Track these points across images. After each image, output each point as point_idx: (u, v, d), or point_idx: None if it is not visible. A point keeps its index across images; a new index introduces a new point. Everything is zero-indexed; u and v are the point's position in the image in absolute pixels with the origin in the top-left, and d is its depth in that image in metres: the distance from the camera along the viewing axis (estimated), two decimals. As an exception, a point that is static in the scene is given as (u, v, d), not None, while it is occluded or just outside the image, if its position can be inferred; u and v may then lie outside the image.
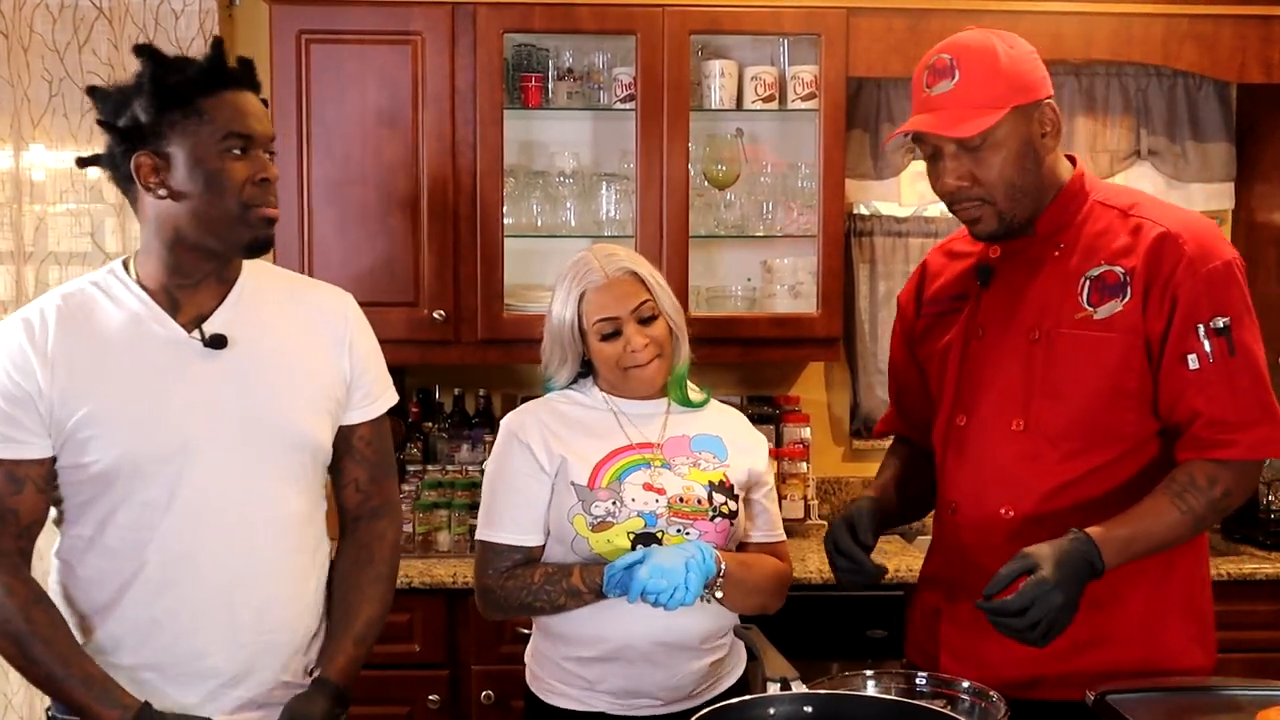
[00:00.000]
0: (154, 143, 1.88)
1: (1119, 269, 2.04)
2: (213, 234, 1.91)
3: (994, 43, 2.06)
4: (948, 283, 2.27)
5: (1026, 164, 2.06)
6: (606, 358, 2.24)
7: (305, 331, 2.05)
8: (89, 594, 1.93)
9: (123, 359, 1.91)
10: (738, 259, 3.71)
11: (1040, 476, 2.08)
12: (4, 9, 3.48)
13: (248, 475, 1.94)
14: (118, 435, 1.87)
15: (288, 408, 1.99)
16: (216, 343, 1.94)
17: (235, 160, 1.89)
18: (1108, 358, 2.04)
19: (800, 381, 3.88)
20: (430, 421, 3.68)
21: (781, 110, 3.54)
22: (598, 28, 3.38)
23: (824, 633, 3.17)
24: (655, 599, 2.06)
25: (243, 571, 1.94)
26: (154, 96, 1.87)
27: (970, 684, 1.88)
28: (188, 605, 1.91)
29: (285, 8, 3.31)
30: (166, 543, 1.90)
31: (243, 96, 1.92)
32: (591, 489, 2.19)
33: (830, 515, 3.79)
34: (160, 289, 1.95)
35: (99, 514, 1.91)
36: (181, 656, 1.92)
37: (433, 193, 3.36)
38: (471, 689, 3.18)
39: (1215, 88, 3.75)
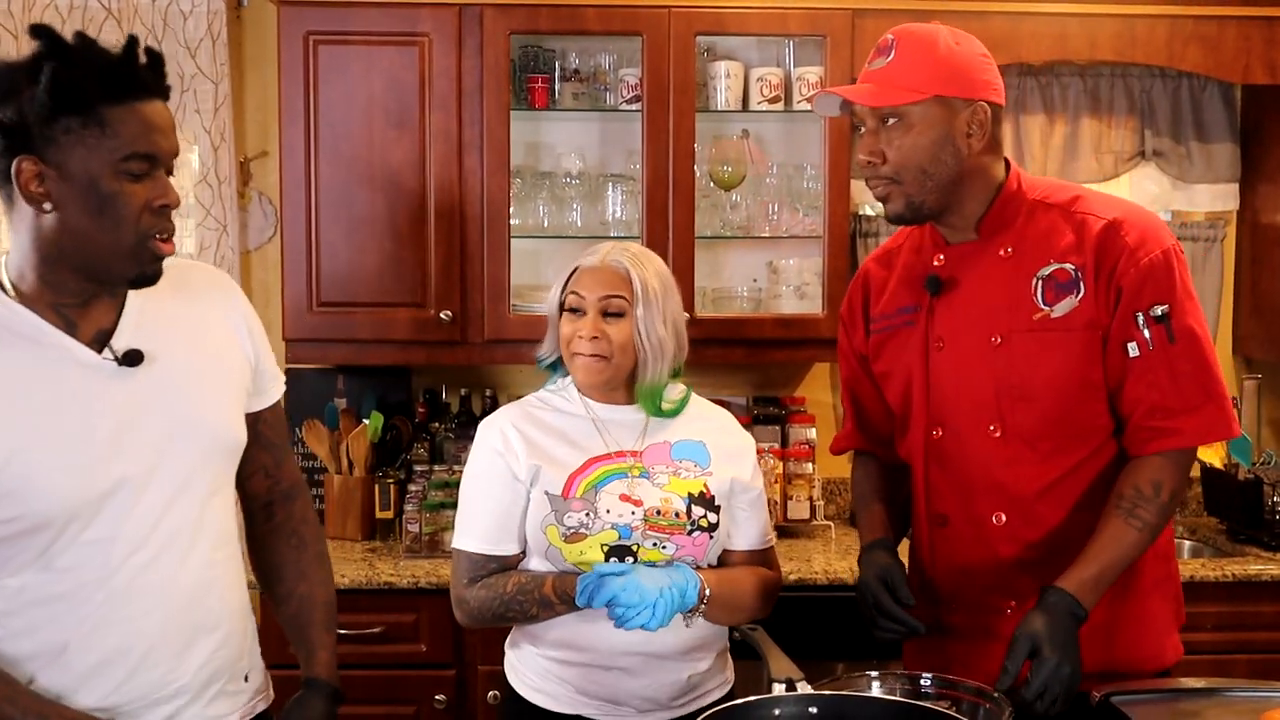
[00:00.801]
0: (42, 148, 1.61)
1: (1069, 266, 2.07)
2: (99, 262, 1.68)
3: (938, 33, 2.09)
4: (893, 295, 2.26)
5: (941, 155, 2.07)
6: (564, 335, 2.20)
7: (206, 327, 1.87)
8: (29, 644, 1.72)
9: (33, 395, 1.67)
10: (743, 260, 3.72)
11: (1025, 480, 2.11)
12: (13, 8, 3.49)
13: (184, 493, 1.79)
14: (47, 484, 1.66)
15: (213, 414, 1.84)
16: (131, 359, 1.73)
17: (134, 183, 1.65)
18: (1070, 354, 2.06)
19: (806, 382, 3.89)
20: (436, 422, 3.70)
21: (787, 111, 3.55)
22: (604, 29, 3.39)
23: (828, 634, 3.17)
24: (619, 613, 2.02)
25: (195, 591, 1.81)
26: (51, 96, 1.60)
27: (974, 685, 1.89)
28: (142, 639, 1.76)
29: (293, 9, 3.32)
30: (114, 580, 1.73)
31: (152, 107, 1.67)
32: (565, 498, 2.14)
33: (836, 516, 3.80)
34: (48, 307, 1.70)
35: (31, 562, 1.70)
36: (140, 691, 1.77)
37: (439, 193, 3.37)
38: (477, 689, 3.19)
39: (1220, 89, 3.76)
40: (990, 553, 2.14)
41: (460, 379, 3.76)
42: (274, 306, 3.59)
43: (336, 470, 3.54)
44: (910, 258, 2.25)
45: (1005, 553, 2.13)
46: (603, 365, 2.17)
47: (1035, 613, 1.95)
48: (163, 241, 1.70)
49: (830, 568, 3.23)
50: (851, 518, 3.81)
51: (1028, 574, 2.10)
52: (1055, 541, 2.10)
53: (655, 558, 2.14)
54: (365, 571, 3.17)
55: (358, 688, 3.08)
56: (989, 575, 2.15)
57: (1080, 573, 1.98)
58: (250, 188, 3.74)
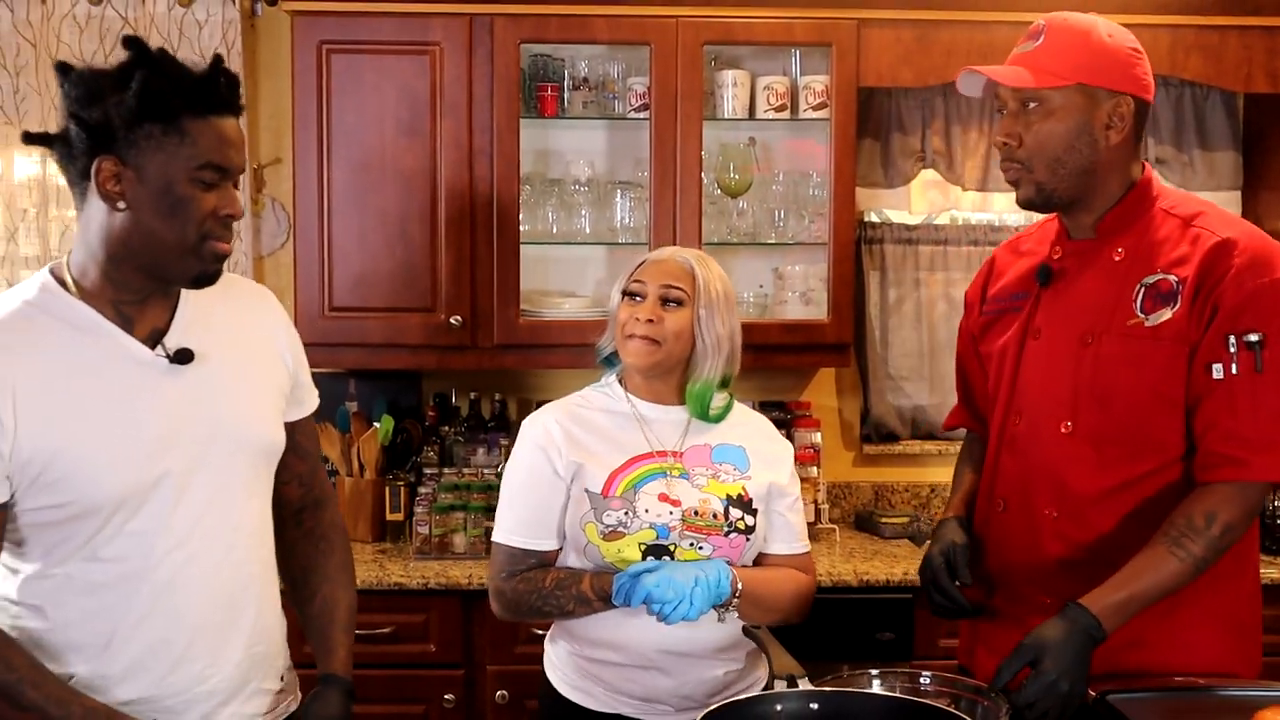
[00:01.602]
0: (123, 150, 1.71)
1: (1173, 277, 2.04)
2: (164, 260, 1.77)
3: (1095, 23, 2.07)
4: (1011, 281, 2.27)
5: (1077, 144, 2.06)
6: (620, 319, 2.25)
7: (250, 334, 1.97)
8: (68, 636, 1.79)
9: (88, 386, 1.75)
10: (750, 266, 3.76)
11: (1083, 479, 2.09)
12: (32, 20, 3.54)
13: (224, 491, 1.86)
14: (97, 472, 1.73)
15: (255, 416, 1.92)
16: (182, 358, 1.81)
17: (205, 191, 1.75)
18: (1153, 366, 2.03)
19: (811, 387, 3.92)
20: (447, 425, 3.73)
21: (793, 119, 3.59)
22: (612, 38, 3.43)
23: (833, 635, 3.21)
24: (659, 609, 2.06)
25: (234, 588, 1.88)
26: (139, 102, 1.69)
27: (973, 683, 1.92)
28: (184, 632, 1.83)
29: (307, 19, 3.37)
30: (159, 571, 1.79)
31: (227, 123, 1.77)
32: (605, 497, 2.18)
33: (840, 519, 3.84)
34: (107, 303, 1.79)
35: (80, 552, 1.76)
36: (180, 685, 1.84)
37: (450, 200, 3.41)
38: (486, 689, 3.23)
39: (1222, 97, 3.79)
40: (1037, 545, 2.14)
41: (470, 383, 3.80)
42: (287, 311, 3.62)
43: (348, 473, 3.58)
44: (1035, 246, 2.26)
45: (1051, 548, 2.12)
46: (654, 349, 2.21)
47: (1050, 623, 1.94)
48: (221, 243, 1.79)
49: (834, 570, 3.27)
50: (857, 521, 3.85)
51: (1069, 574, 2.09)
52: (1102, 548, 2.07)
53: (692, 558, 2.16)
54: (376, 572, 3.21)
55: (368, 687, 3.11)
56: (1032, 567, 2.15)
57: (1109, 595, 1.96)
58: (264, 194, 3.79)
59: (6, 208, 3.62)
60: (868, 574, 3.26)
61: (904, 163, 3.78)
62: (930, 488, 3.93)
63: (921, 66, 3.47)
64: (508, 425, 3.75)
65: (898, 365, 3.90)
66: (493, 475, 3.51)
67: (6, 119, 3.58)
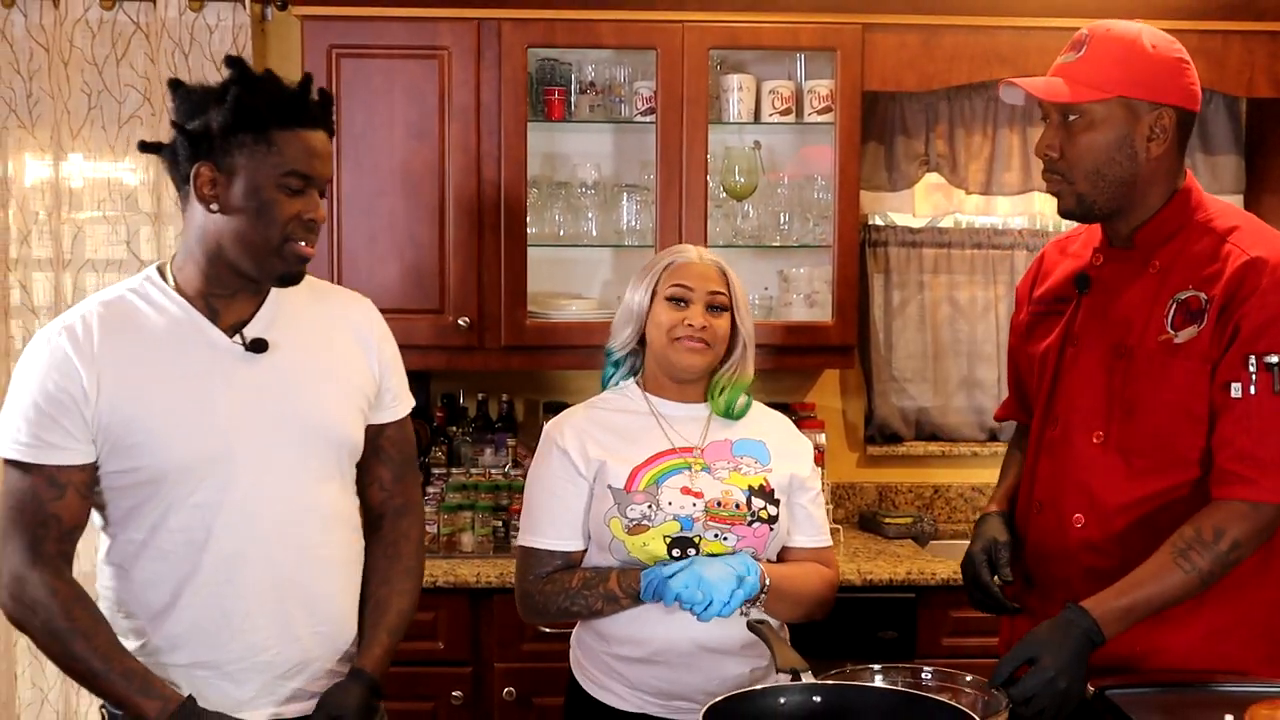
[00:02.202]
0: (219, 157, 1.90)
1: (1203, 295, 2.04)
2: (250, 258, 1.94)
3: (1140, 34, 2.06)
4: (1056, 283, 2.27)
5: (1118, 157, 2.06)
6: (661, 323, 2.25)
7: (335, 336, 2.10)
8: (144, 597, 1.96)
9: (168, 364, 1.94)
10: (755, 268, 3.77)
11: (1111, 490, 2.10)
12: (45, 24, 3.58)
13: (292, 474, 1.99)
14: (167, 440, 1.91)
15: (325, 407, 2.03)
16: (257, 347, 1.98)
17: (289, 195, 1.92)
18: (1178, 382, 2.04)
19: (816, 389, 3.95)
20: (455, 426, 3.76)
21: (798, 123, 3.61)
22: (619, 43, 3.46)
23: (836, 634, 3.20)
24: (690, 608, 2.08)
25: (294, 567, 1.99)
26: (232, 114, 1.88)
27: (973, 678, 1.94)
28: (243, 603, 1.96)
29: (317, 23, 3.40)
30: (220, 543, 1.94)
31: (315, 136, 1.94)
32: (628, 492, 2.20)
33: (845, 520, 3.86)
34: (198, 296, 1.98)
35: (150, 518, 1.94)
36: (238, 653, 1.96)
37: (458, 203, 3.44)
38: (493, 686, 3.26)
39: (1224, 102, 3.82)
40: (1066, 551, 2.15)
41: (478, 384, 3.82)
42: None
43: (356, 473, 3.61)
44: (1081, 249, 2.25)
45: (1078, 555, 2.14)
46: (707, 356, 2.26)
47: (1049, 623, 1.96)
48: (303, 245, 1.96)
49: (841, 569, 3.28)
50: (861, 521, 3.87)
51: (1092, 579, 2.09)
52: (1126, 557, 2.07)
53: (717, 549, 2.19)
54: (385, 571, 3.23)
55: (377, 684, 3.15)
56: (1061, 570, 2.17)
57: (1111, 599, 1.97)
58: (274, 197, 3.81)
59: (20, 210, 3.66)
60: (871, 574, 3.28)
61: (908, 166, 3.80)
62: (933, 489, 3.95)
63: (926, 71, 3.49)
64: (515, 426, 3.78)
65: (901, 367, 3.93)
66: (500, 475, 3.54)
67: (20, 123, 3.61)
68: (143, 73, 3.61)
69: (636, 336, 2.32)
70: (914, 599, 3.27)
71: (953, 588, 3.26)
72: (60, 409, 1.89)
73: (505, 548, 3.46)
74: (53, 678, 3.71)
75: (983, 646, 3.25)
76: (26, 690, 3.71)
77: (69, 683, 3.65)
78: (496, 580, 3.23)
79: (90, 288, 3.64)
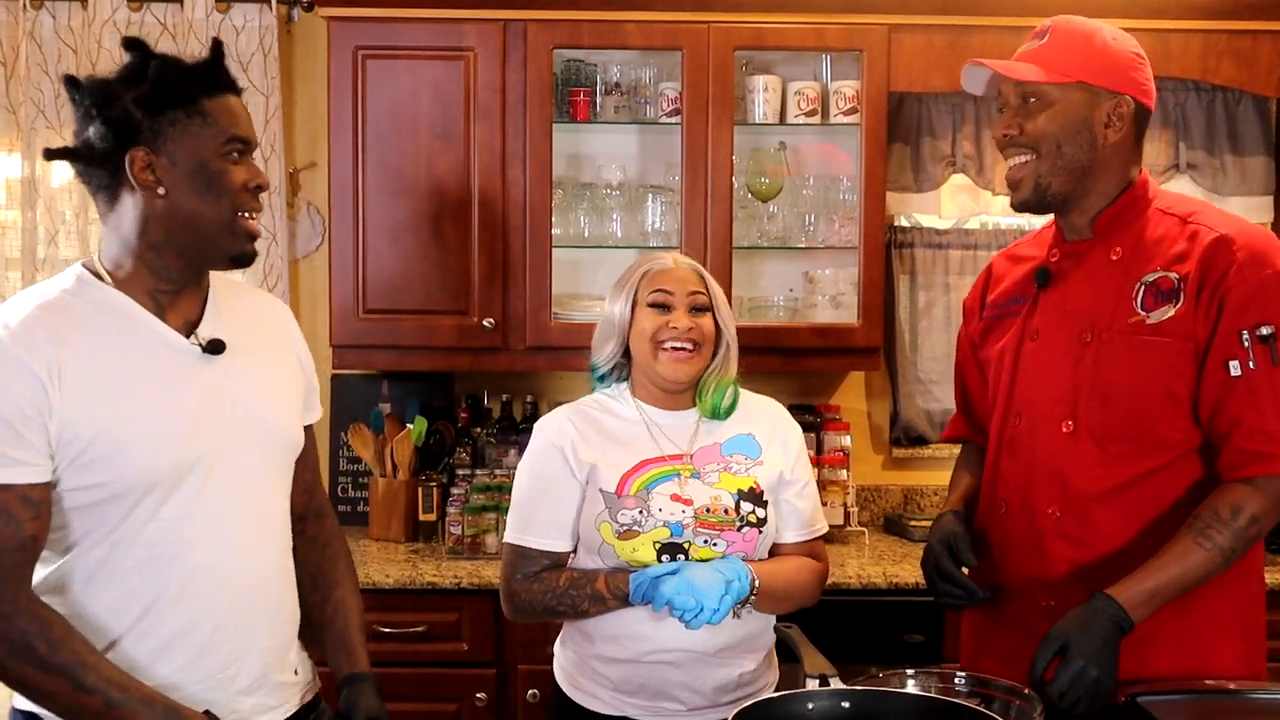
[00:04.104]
0: (151, 139, 1.80)
1: (1173, 275, 2.06)
2: (203, 239, 1.85)
3: (1099, 27, 2.14)
4: (1009, 286, 2.30)
5: (1078, 139, 2.11)
6: (645, 330, 2.24)
7: (270, 335, 2.04)
8: (108, 616, 1.81)
9: (128, 369, 1.81)
10: (780, 270, 3.78)
11: (1086, 479, 2.10)
12: (74, 25, 3.59)
13: (254, 480, 1.92)
14: (136, 451, 1.78)
15: (279, 410, 1.98)
16: (214, 348, 1.88)
17: (235, 164, 1.85)
18: (1158, 363, 2.05)
19: (841, 390, 3.94)
20: (479, 427, 3.76)
21: (824, 124, 3.60)
22: (645, 44, 3.46)
23: (861, 637, 3.22)
24: (680, 615, 2.08)
25: (259, 577, 1.92)
26: (156, 93, 1.78)
27: (1006, 683, 1.92)
28: (210, 617, 1.85)
29: (343, 24, 3.41)
30: (190, 556, 1.83)
31: (235, 101, 1.87)
32: (619, 496, 2.20)
33: (870, 522, 3.85)
34: (144, 293, 1.86)
35: (113, 534, 1.80)
36: (204, 670, 1.86)
37: (483, 204, 3.44)
38: (517, 688, 3.25)
39: (1254, 102, 3.78)
40: (1040, 546, 2.15)
41: (502, 385, 3.83)
42: (321, 313, 3.68)
43: (381, 473, 3.61)
44: (1032, 251, 2.30)
45: (1054, 549, 2.13)
46: (693, 356, 2.25)
47: (1075, 613, 1.96)
48: (252, 220, 1.88)
49: (864, 573, 3.28)
50: (886, 524, 3.86)
51: (1073, 574, 2.11)
52: (1106, 548, 2.09)
53: (707, 555, 2.19)
54: (409, 572, 3.24)
55: (400, 685, 3.16)
56: (1035, 567, 2.16)
57: (1135, 584, 1.97)
58: (299, 198, 3.83)
59: (47, 211, 3.67)
60: (897, 577, 3.27)
61: (934, 167, 3.78)
62: (959, 491, 3.92)
63: (952, 71, 3.42)
64: (539, 427, 3.78)
65: (927, 369, 3.91)
66: (524, 476, 3.54)
67: (48, 124, 3.62)
68: (169, 74, 3.61)
69: (621, 349, 2.31)
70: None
71: (979, 591, 3.24)
72: (25, 422, 1.73)
73: (529, 549, 3.45)
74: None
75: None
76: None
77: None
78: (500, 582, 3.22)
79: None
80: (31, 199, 3.65)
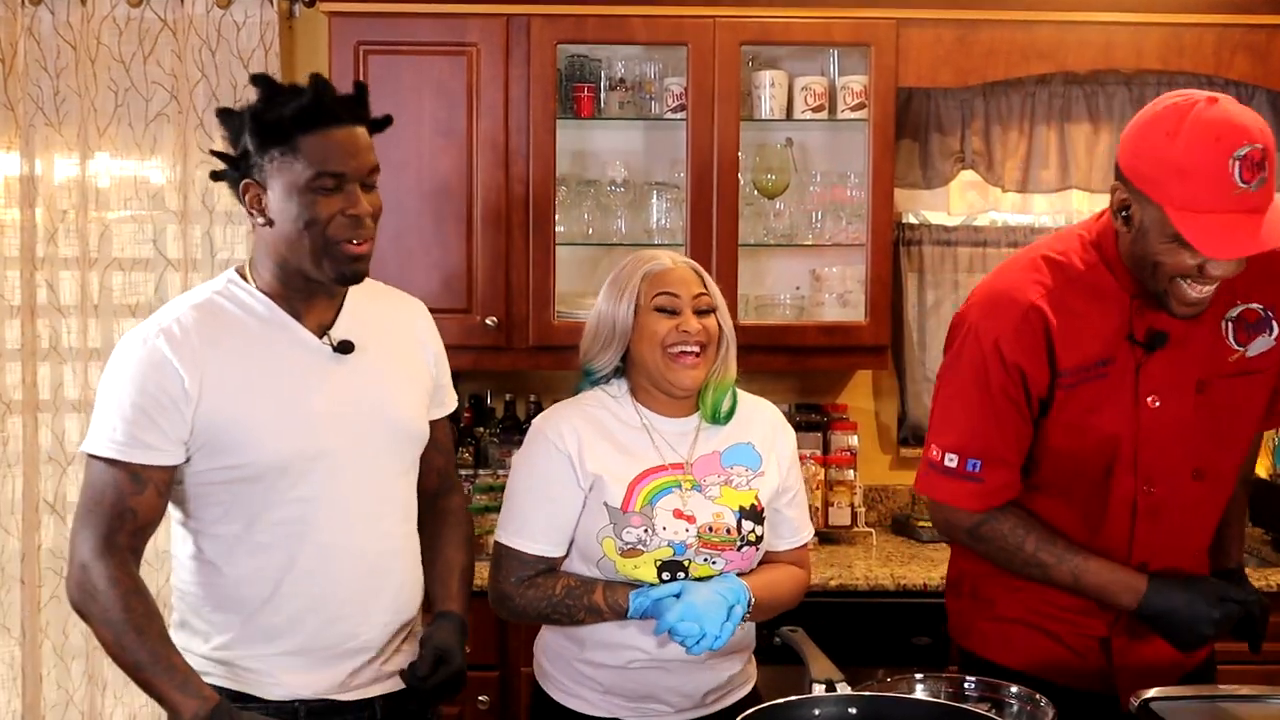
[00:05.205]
0: (257, 174, 2.01)
1: (1256, 305, 2.07)
2: (307, 263, 2.02)
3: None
4: (1089, 346, 2.13)
5: None
6: (653, 334, 2.18)
7: (402, 336, 2.22)
8: (239, 591, 2.04)
9: (265, 364, 2.03)
10: (787, 267, 3.74)
11: (1210, 522, 2.19)
12: (73, 21, 3.57)
13: (379, 469, 2.11)
14: (268, 438, 2.00)
15: (404, 405, 2.16)
16: (344, 348, 2.08)
17: (325, 196, 1.98)
18: (1261, 395, 2.09)
19: (848, 390, 3.90)
20: (482, 426, 3.74)
21: (831, 120, 3.57)
22: (650, 39, 3.43)
23: (869, 639, 3.19)
24: (682, 641, 2.05)
25: (382, 556, 2.11)
26: (255, 134, 1.98)
27: (1018, 688, 1.90)
28: (337, 592, 2.06)
29: (344, 20, 3.38)
30: (318, 535, 2.04)
31: (342, 132, 2.00)
32: (624, 512, 2.16)
33: (877, 523, 3.81)
34: (280, 298, 2.07)
35: (247, 513, 2.02)
36: (330, 639, 2.06)
37: (486, 201, 3.41)
38: (520, 691, 3.22)
39: (1268, 97, 3.73)
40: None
41: (505, 384, 3.80)
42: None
43: (383, 473, 3.59)
44: (1093, 306, 2.12)
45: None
46: (700, 360, 2.20)
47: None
48: (352, 244, 2.02)
49: (871, 574, 3.24)
50: (894, 524, 3.82)
51: None
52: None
53: (706, 573, 2.17)
54: (411, 573, 3.21)
55: (403, 687, 3.12)
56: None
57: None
58: (301, 195, 3.80)
59: (47, 209, 3.65)
60: (905, 578, 3.24)
61: (943, 164, 3.75)
62: (968, 492, 3.89)
63: (961, 67, 3.44)
64: (543, 427, 3.75)
65: (935, 368, 3.84)
66: (528, 477, 3.51)
67: (47, 121, 3.60)
68: (170, 70, 3.59)
69: (620, 353, 2.24)
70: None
71: (988, 593, 3.21)
72: (159, 410, 1.96)
73: (533, 550, 3.42)
74: (78, 679, 3.70)
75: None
76: (52, 692, 3.70)
77: (95, 685, 3.66)
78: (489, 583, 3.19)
79: (117, 287, 3.64)
80: (30, 197, 3.63)
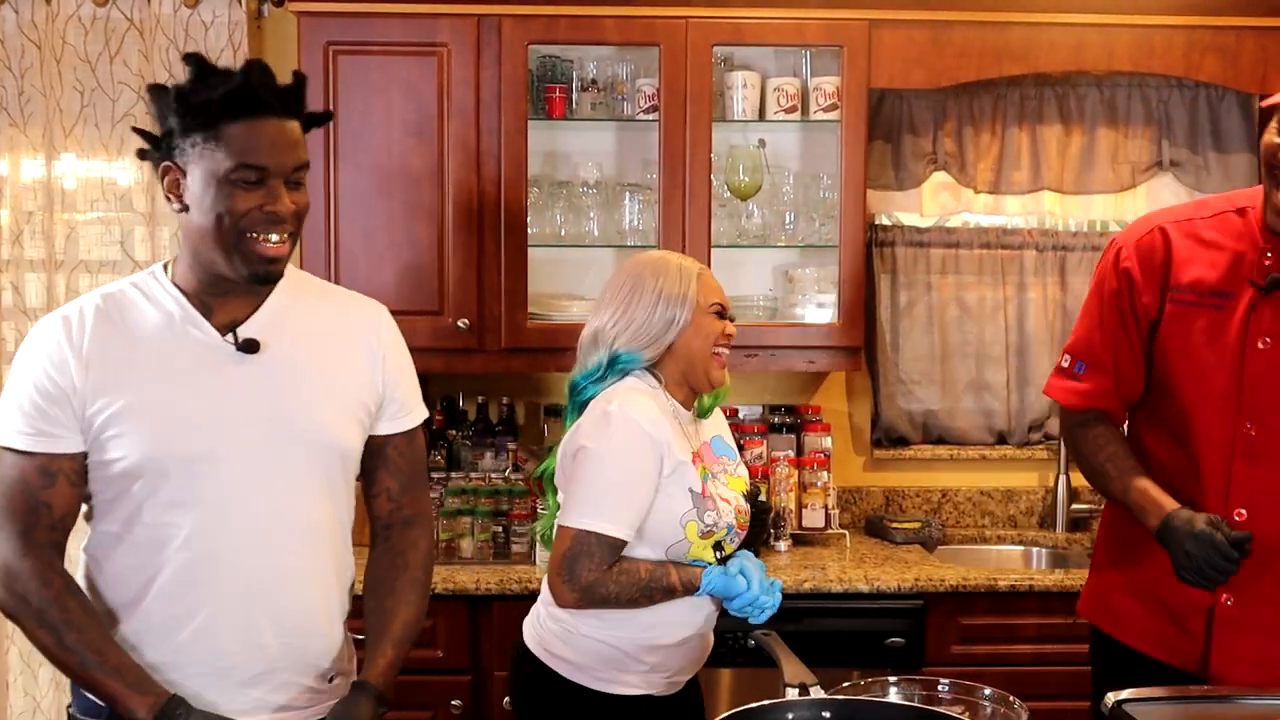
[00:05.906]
0: (178, 157, 1.89)
1: None
2: (219, 257, 1.91)
3: None
4: (1207, 275, 2.21)
5: None
6: (709, 333, 2.32)
7: (337, 341, 2.05)
8: (115, 590, 1.95)
9: (153, 358, 1.93)
10: (760, 269, 3.74)
11: None
12: (37, 20, 3.53)
13: (273, 479, 1.95)
14: (142, 433, 1.89)
15: (317, 413, 1.99)
16: (248, 347, 1.95)
17: (245, 190, 1.87)
18: None
19: (821, 391, 3.90)
20: (454, 429, 3.71)
21: (804, 121, 3.57)
22: (622, 39, 3.42)
23: (843, 641, 3.19)
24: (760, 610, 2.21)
25: (264, 575, 1.95)
26: (179, 114, 1.87)
27: (992, 690, 1.89)
28: (208, 605, 1.93)
29: (313, 20, 3.35)
30: (190, 542, 1.91)
31: (271, 124, 1.88)
32: (704, 497, 2.26)
33: (851, 524, 3.80)
34: (194, 293, 1.96)
35: (125, 511, 1.93)
36: (199, 655, 1.94)
37: (458, 202, 3.39)
38: (493, 695, 3.20)
39: (1237, 99, 3.76)
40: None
41: (478, 387, 3.78)
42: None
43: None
44: (1223, 239, 2.22)
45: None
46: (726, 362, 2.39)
47: None
48: (267, 242, 1.89)
49: (845, 576, 3.24)
50: (868, 526, 3.81)
51: None
52: None
53: (729, 551, 2.32)
54: (382, 577, 3.19)
55: (374, 693, 3.10)
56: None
57: None
58: (270, 196, 3.77)
59: (12, 210, 3.61)
60: (879, 580, 3.23)
61: (915, 165, 3.75)
62: (941, 493, 3.89)
63: (934, 68, 3.44)
64: (515, 429, 3.73)
65: (909, 369, 3.87)
66: (500, 480, 3.49)
67: (11, 121, 3.57)
68: (136, 70, 3.56)
69: (662, 348, 2.33)
70: (922, 605, 3.22)
71: (962, 594, 3.22)
72: (50, 399, 1.90)
73: (505, 554, 3.41)
74: (45, 686, 3.66)
75: (993, 654, 3.22)
76: (19, 699, 3.66)
77: (61, 690, 3.61)
78: (496, 587, 3.18)
79: (84, 289, 3.59)
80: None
